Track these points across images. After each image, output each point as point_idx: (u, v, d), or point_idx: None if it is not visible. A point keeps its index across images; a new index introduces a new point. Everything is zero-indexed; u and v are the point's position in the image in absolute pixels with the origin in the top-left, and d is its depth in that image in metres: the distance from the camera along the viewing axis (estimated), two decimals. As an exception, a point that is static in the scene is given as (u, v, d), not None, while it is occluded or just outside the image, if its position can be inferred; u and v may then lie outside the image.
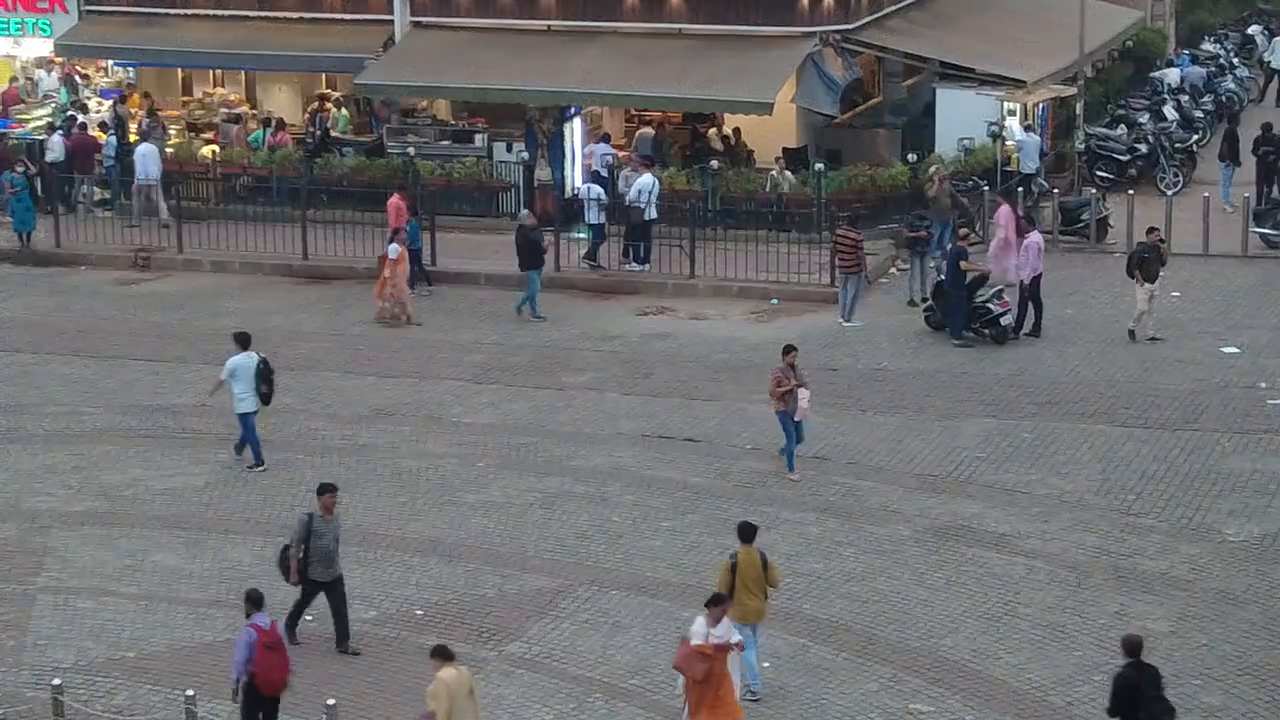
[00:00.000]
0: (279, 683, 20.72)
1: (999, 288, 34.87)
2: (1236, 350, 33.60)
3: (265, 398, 29.66)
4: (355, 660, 23.44)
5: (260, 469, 29.65)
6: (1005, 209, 37.44)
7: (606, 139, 43.31)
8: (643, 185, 39.28)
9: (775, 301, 37.53)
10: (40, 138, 44.98)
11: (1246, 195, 41.12)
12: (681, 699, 20.16)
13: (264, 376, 29.63)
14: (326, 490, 23.18)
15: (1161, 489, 28.08)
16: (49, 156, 43.12)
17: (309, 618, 24.41)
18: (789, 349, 28.65)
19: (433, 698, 19.60)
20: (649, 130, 43.88)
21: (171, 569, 26.09)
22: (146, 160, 42.74)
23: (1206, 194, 41.20)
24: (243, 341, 30.10)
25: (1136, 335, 33.85)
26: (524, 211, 37.85)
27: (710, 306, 37.32)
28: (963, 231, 35.67)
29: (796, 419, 28.00)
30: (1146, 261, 34.05)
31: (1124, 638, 19.94)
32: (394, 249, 36.19)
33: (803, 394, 27.83)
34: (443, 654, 19.93)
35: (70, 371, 34.01)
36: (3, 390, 33.47)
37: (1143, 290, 33.86)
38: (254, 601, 21.11)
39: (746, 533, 22.25)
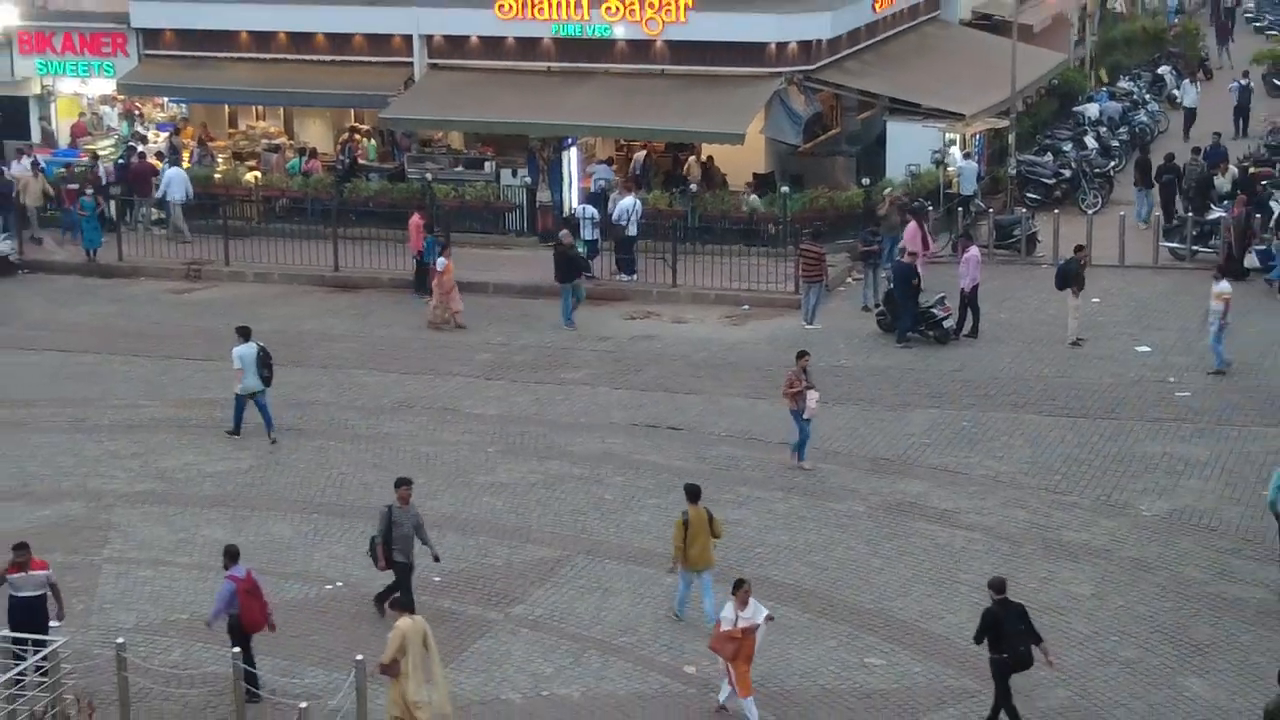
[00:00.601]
0: (260, 621, 21.24)
1: (942, 295, 34.89)
2: (1149, 349, 33.63)
3: (266, 380, 30.04)
4: (379, 621, 23.36)
5: (235, 435, 30.27)
6: (913, 225, 37.39)
7: (609, 162, 43.34)
8: (625, 206, 39.28)
9: (747, 307, 37.49)
10: (108, 165, 44.90)
11: (1157, 214, 41.23)
12: (725, 673, 20.29)
13: (264, 362, 30.05)
14: (403, 484, 22.95)
15: (1084, 470, 28.12)
16: (102, 183, 42.92)
17: (340, 584, 24.46)
18: (801, 354, 28.49)
19: (390, 641, 20.20)
20: (640, 154, 43.95)
21: (219, 542, 25.98)
22: (172, 183, 42.76)
23: (1122, 213, 41.26)
24: (244, 334, 30.44)
25: (1079, 341, 33.83)
26: (563, 231, 37.64)
27: (690, 311, 37.30)
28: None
29: (806, 416, 27.83)
30: (1078, 275, 34.11)
31: (990, 579, 20.61)
32: (441, 262, 36.07)
33: (812, 395, 27.71)
34: (401, 605, 20.66)
35: (130, 370, 33.97)
36: (72, 386, 33.43)
37: (1075, 301, 33.90)
38: (231, 556, 21.56)
39: (693, 493, 23.00)
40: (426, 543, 22.85)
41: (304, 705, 19.63)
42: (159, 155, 44.64)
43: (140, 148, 45.24)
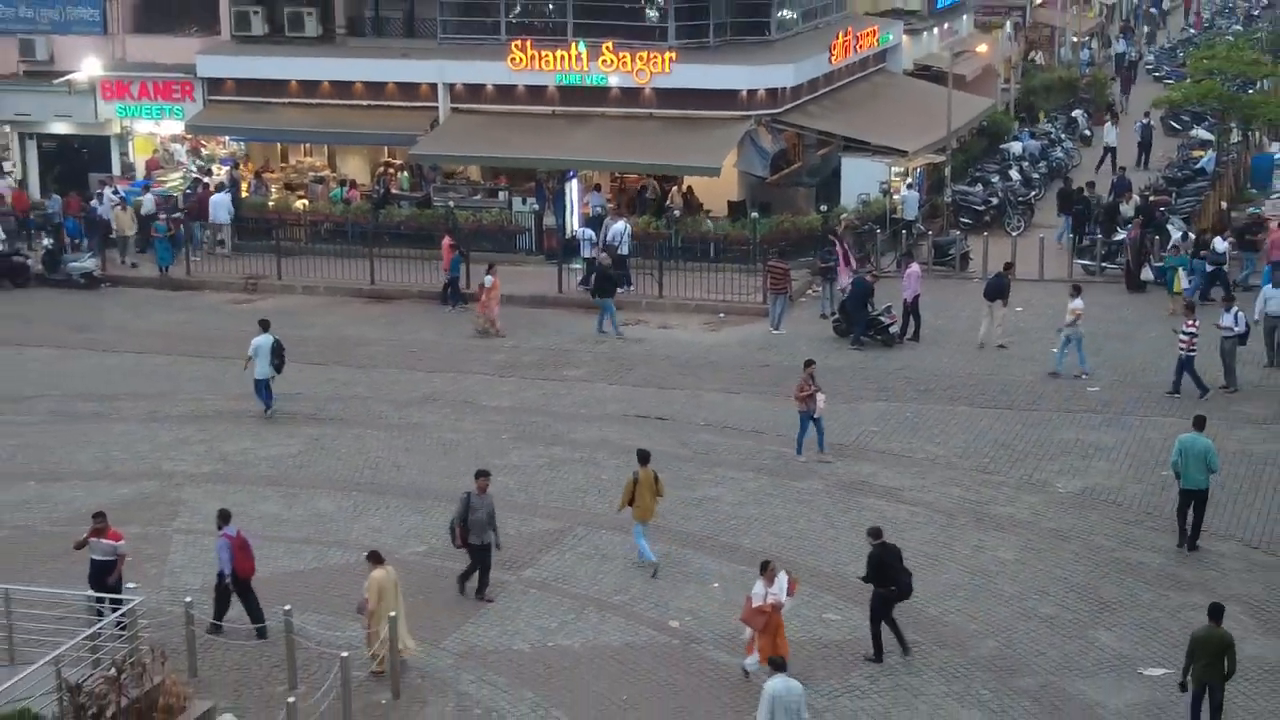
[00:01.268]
0: (250, 570, 21.72)
1: (889, 305, 34.92)
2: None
3: (278, 368, 30.44)
4: (411, 581, 23.33)
5: (271, 414, 30.60)
6: (839, 246, 37.63)
7: (598, 188, 43.32)
8: (617, 229, 39.25)
9: (722, 315, 37.44)
10: (176, 194, 44.86)
11: (1071, 235, 41.30)
12: (747, 642, 20.15)
13: (276, 352, 30.42)
14: (481, 475, 22.70)
15: (1009, 454, 28.16)
16: (142, 210, 42.81)
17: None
18: (809, 362, 28.31)
19: (366, 589, 20.60)
20: (652, 182, 43.86)
21: (273, 515, 26.08)
22: (218, 207, 42.83)
23: (1042, 235, 41.28)
24: (264, 325, 30.79)
25: (1004, 345, 33.86)
26: (602, 253, 37.49)
27: (674, 319, 37.26)
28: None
29: (815, 416, 27.63)
30: (1007, 288, 34.19)
31: (869, 528, 21.35)
32: (488, 279, 35.94)
33: (820, 397, 27.51)
34: (374, 558, 20.92)
35: (196, 369, 33.94)
36: (147, 383, 33.41)
37: (1002, 310, 33.93)
38: (224, 518, 21.93)
39: (643, 457, 23.77)
40: (493, 530, 22.61)
41: (345, 654, 19.64)
42: (220, 186, 44.62)
43: (206, 180, 45.27)
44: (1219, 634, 18.62)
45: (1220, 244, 37.03)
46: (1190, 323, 30.26)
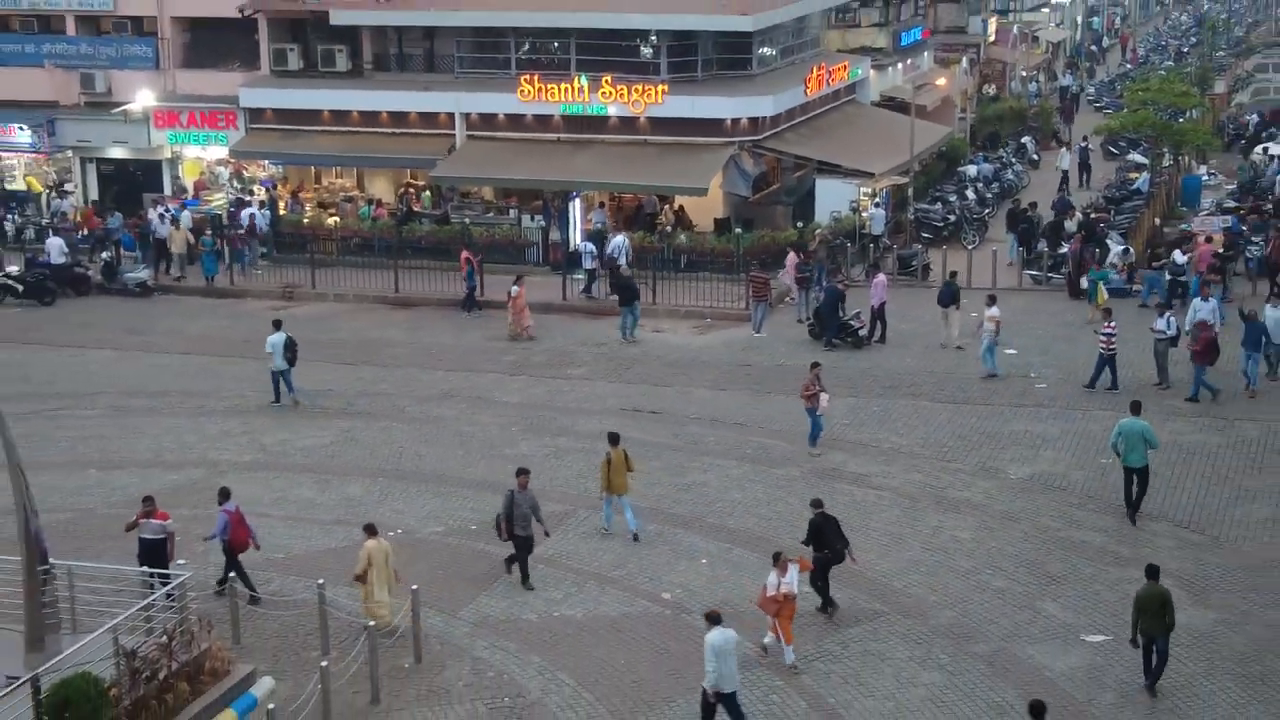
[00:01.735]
0: (246, 543, 21.86)
1: (858, 311, 34.92)
2: (1014, 352, 33.62)
3: (290, 361, 30.82)
4: (431, 558, 23.40)
5: (277, 404, 30.98)
6: (791, 255, 37.85)
7: (602, 206, 43.44)
8: (617, 243, 39.32)
9: (709, 320, 37.41)
10: (219, 212, 44.88)
11: (1021, 248, 41.30)
12: (769, 626, 20.02)
13: (289, 347, 30.84)
14: (522, 473, 22.38)
15: (965, 444, 28.17)
16: (179, 226, 42.62)
17: (399, 530, 24.41)
18: (814, 365, 28.07)
19: (359, 559, 20.66)
20: (654, 199, 43.84)
21: (307, 499, 26.09)
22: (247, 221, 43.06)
23: (995, 249, 41.34)
24: (277, 325, 31.22)
25: (961, 346, 33.86)
26: (624, 265, 37.49)
27: (666, 323, 37.25)
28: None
29: (819, 413, 27.43)
30: (958, 294, 34.20)
31: (811, 499, 21.83)
32: (515, 289, 35.84)
33: (824, 397, 27.29)
34: (369, 530, 21.00)
35: (238, 369, 33.95)
36: (194, 381, 33.43)
37: (957, 315, 33.95)
38: (224, 495, 22.03)
39: (613, 439, 24.06)
40: (540, 521, 22.38)
41: (371, 623, 19.67)
42: (261, 204, 44.69)
43: (247, 199, 45.27)
44: (1157, 590, 18.96)
45: (1180, 256, 37.09)
46: (1108, 325, 30.44)
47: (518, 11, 43.65)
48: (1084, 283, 37.68)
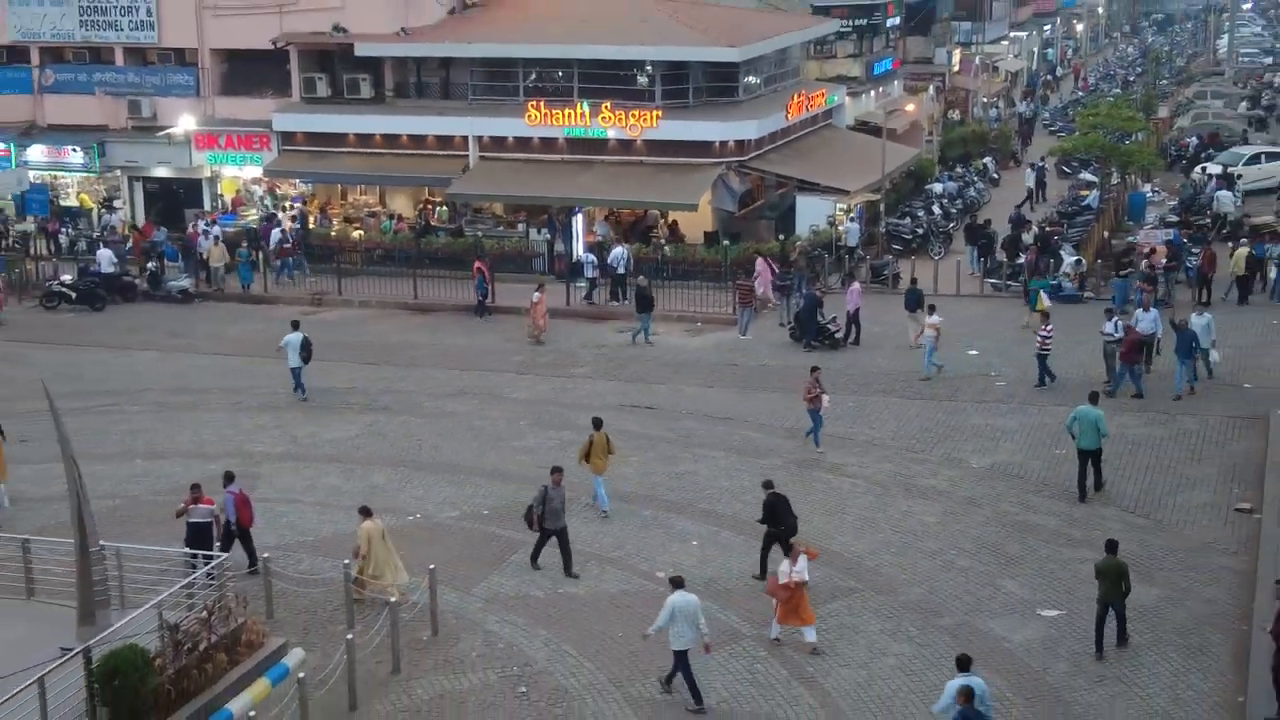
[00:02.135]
0: (249, 520, 21.99)
1: (834, 315, 34.92)
2: (976, 352, 33.69)
3: (305, 359, 30.88)
4: (446, 540, 23.37)
5: (304, 399, 31.01)
6: (761, 261, 37.81)
7: (606, 219, 43.47)
8: (617, 254, 39.33)
9: (699, 324, 37.39)
10: (253, 226, 44.83)
11: (982, 259, 41.30)
12: (774, 611, 19.76)
13: (305, 346, 30.92)
14: (556, 470, 21.97)
15: (932, 436, 28.19)
16: (201, 247, 42.37)
17: (417, 515, 24.37)
18: (814, 369, 27.75)
19: (357, 538, 20.78)
20: (654, 214, 43.85)
21: (334, 487, 26.08)
22: (274, 236, 43.05)
23: (959, 259, 41.36)
24: (295, 325, 31.33)
25: (918, 345, 33.90)
26: (641, 277, 37.21)
27: (660, 326, 37.12)
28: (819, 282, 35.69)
29: (821, 414, 27.10)
30: (921, 298, 34.20)
31: (763, 481, 22.11)
32: (536, 295, 35.70)
33: (825, 398, 27.00)
34: (365, 512, 21.02)
35: (272, 368, 33.76)
36: (232, 379, 33.41)
37: (924, 317, 33.92)
38: (229, 478, 22.08)
39: (596, 423, 24.19)
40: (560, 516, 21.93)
41: (392, 600, 19.65)
42: (293, 219, 44.68)
43: (279, 215, 45.24)
44: (1115, 562, 19.23)
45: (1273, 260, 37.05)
46: (1045, 329, 30.59)
47: (525, 44, 43.65)
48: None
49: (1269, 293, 37.92)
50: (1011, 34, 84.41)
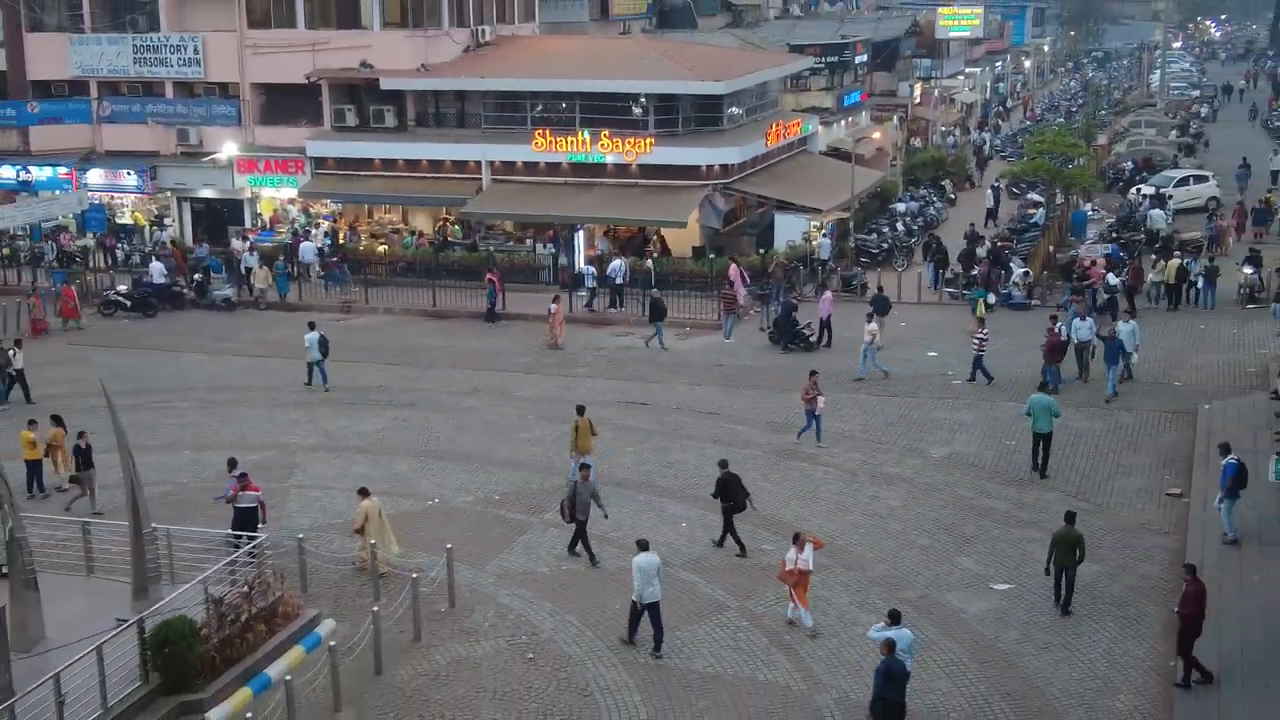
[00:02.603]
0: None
1: (809, 321, 34.89)
2: (935, 354, 33.70)
3: (324, 354, 31.36)
4: (462, 522, 23.33)
5: (327, 388, 31.17)
6: (734, 268, 37.72)
7: (606, 234, 43.42)
8: (615, 266, 39.27)
9: (688, 329, 37.30)
10: (288, 242, 44.76)
11: (938, 272, 41.22)
12: (789, 594, 19.55)
13: (323, 344, 31.41)
14: (584, 467, 21.76)
15: (896, 429, 28.17)
16: (246, 262, 42.12)
17: (436, 500, 24.35)
18: (813, 373, 27.43)
19: (356, 516, 20.85)
20: (625, 235, 43.78)
21: (363, 475, 25.96)
22: (306, 252, 43.12)
23: (920, 272, 41.37)
24: (311, 325, 31.66)
25: (881, 346, 33.80)
26: (656, 290, 37.21)
27: (653, 331, 37.14)
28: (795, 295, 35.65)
29: (816, 414, 26.76)
30: (888, 303, 34.22)
31: (719, 460, 22.30)
32: (553, 306, 35.57)
33: (821, 400, 26.69)
34: (363, 492, 21.08)
35: (298, 368, 33.79)
36: (270, 379, 33.31)
37: (878, 324, 33.92)
38: (232, 464, 22.16)
39: (580, 410, 24.28)
40: (600, 506, 21.71)
41: (415, 575, 19.63)
42: (324, 236, 44.63)
43: (313, 231, 45.18)
44: (1072, 532, 19.48)
45: (1112, 279, 36.97)
46: (981, 332, 30.77)
47: (532, 79, 43.65)
48: (992, 298, 37.71)
49: (1194, 301, 37.98)
50: (967, 70, 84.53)
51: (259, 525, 21.15)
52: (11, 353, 31.43)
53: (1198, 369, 31.68)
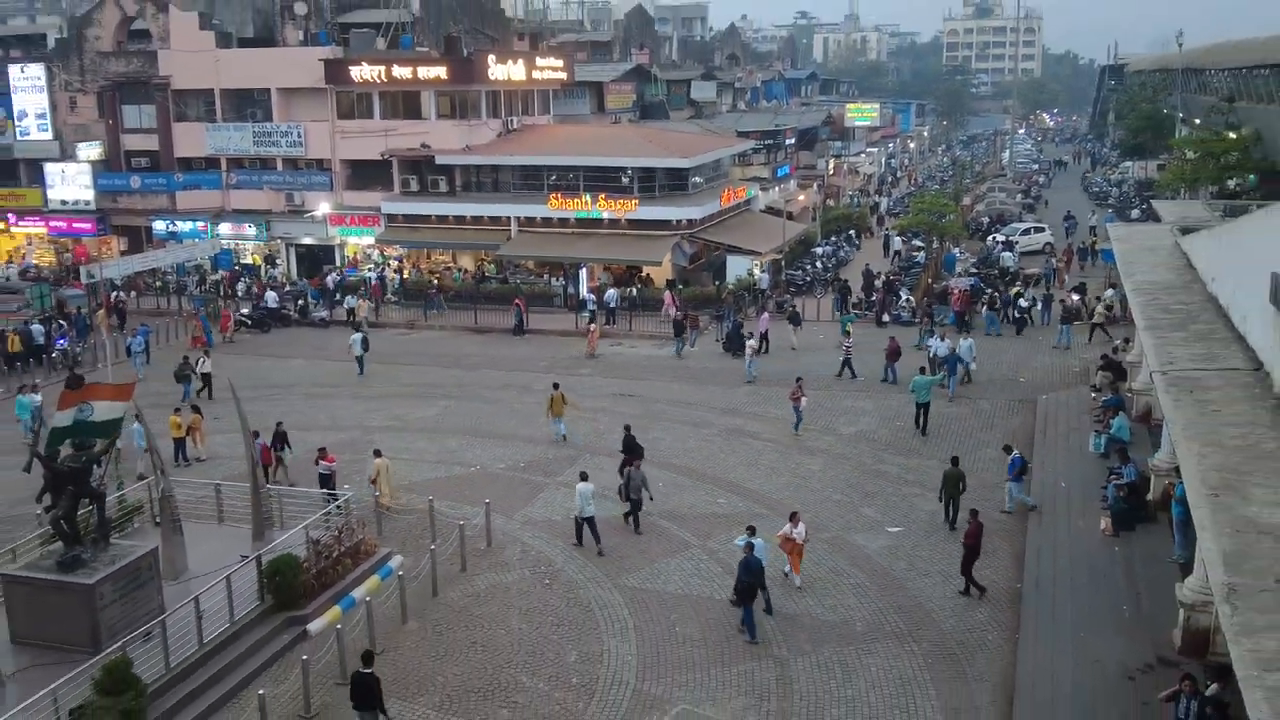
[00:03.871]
0: (270, 461, 21.85)
1: (752, 333, 34.49)
2: (841, 358, 33.45)
3: (365, 349, 31.48)
4: (497, 483, 23.14)
5: (360, 375, 31.20)
6: (669, 294, 37.69)
7: (606, 269, 43.11)
8: (611, 294, 39.16)
9: (664, 341, 37.07)
10: (368, 277, 44.45)
11: (841, 300, 40.83)
12: (787, 563, 18.88)
13: (364, 343, 31.43)
14: (638, 456, 21.16)
15: (817, 413, 27.79)
16: (348, 303, 41.05)
17: (476, 467, 24.17)
18: (799, 379, 26.72)
19: (371, 470, 20.88)
20: (641, 272, 43.29)
21: (422, 448, 25.91)
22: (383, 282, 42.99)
23: (833, 298, 41.24)
24: (356, 327, 31.19)
25: (795, 348, 33.77)
26: (674, 309, 36.54)
27: (638, 342, 37.05)
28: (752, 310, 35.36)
29: (799, 409, 26.17)
30: (799, 317, 34.26)
31: (624, 424, 22.41)
32: (591, 326, 35.13)
33: (803, 399, 26.01)
34: (377, 453, 21.04)
35: (378, 371, 33.69)
36: (353, 378, 33.05)
37: (800, 331, 33.79)
38: (255, 434, 20.63)
39: (555, 385, 24.71)
40: (647, 488, 20.52)
41: (461, 523, 19.56)
42: (395, 272, 44.43)
43: (386, 268, 44.96)
44: (956, 471, 20.08)
45: (1024, 301, 36.70)
46: (847, 341, 31.32)
47: (548, 155, 43.61)
48: (884, 319, 37.70)
49: (1034, 321, 38.05)
50: (868, 149, 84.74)
51: (333, 487, 21.00)
52: (200, 360, 31.13)
53: (1037, 369, 31.78)
